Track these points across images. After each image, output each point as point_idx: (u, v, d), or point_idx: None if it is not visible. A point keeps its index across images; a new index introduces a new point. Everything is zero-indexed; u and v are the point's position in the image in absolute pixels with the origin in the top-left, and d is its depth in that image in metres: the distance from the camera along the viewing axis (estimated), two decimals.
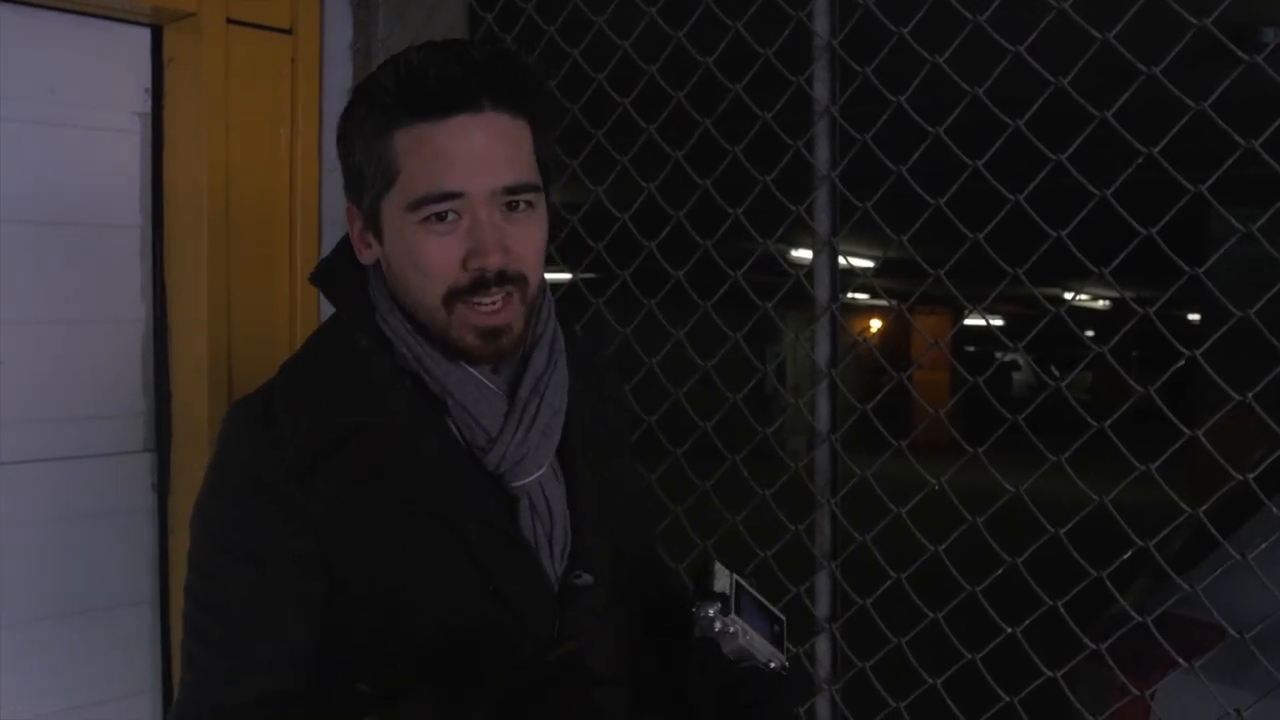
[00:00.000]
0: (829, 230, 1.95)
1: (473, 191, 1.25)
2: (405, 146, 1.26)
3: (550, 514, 1.36)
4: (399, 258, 1.30)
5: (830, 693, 2.03)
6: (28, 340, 2.26)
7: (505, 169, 1.27)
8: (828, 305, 1.97)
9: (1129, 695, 1.93)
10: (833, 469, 1.99)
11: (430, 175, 1.25)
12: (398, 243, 1.29)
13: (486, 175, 1.26)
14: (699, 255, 2.20)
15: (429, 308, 1.30)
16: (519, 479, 1.33)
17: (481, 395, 1.32)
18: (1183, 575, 1.79)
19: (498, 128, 1.27)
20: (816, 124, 1.93)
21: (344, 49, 2.51)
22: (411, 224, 1.27)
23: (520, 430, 1.32)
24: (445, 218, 1.26)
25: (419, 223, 1.26)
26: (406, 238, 1.28)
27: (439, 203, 1.25)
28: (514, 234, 1.28)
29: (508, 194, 1.27)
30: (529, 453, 1.33)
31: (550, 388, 1.36)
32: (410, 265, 1.29)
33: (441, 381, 1.32)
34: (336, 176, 2.46)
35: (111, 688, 2.40)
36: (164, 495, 2.45)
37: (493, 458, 1.32)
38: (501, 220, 1.28)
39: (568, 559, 1.37)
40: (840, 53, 1.90)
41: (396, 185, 1.27)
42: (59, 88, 2.28)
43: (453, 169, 1.25)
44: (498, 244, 1.26)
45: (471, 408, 1.32)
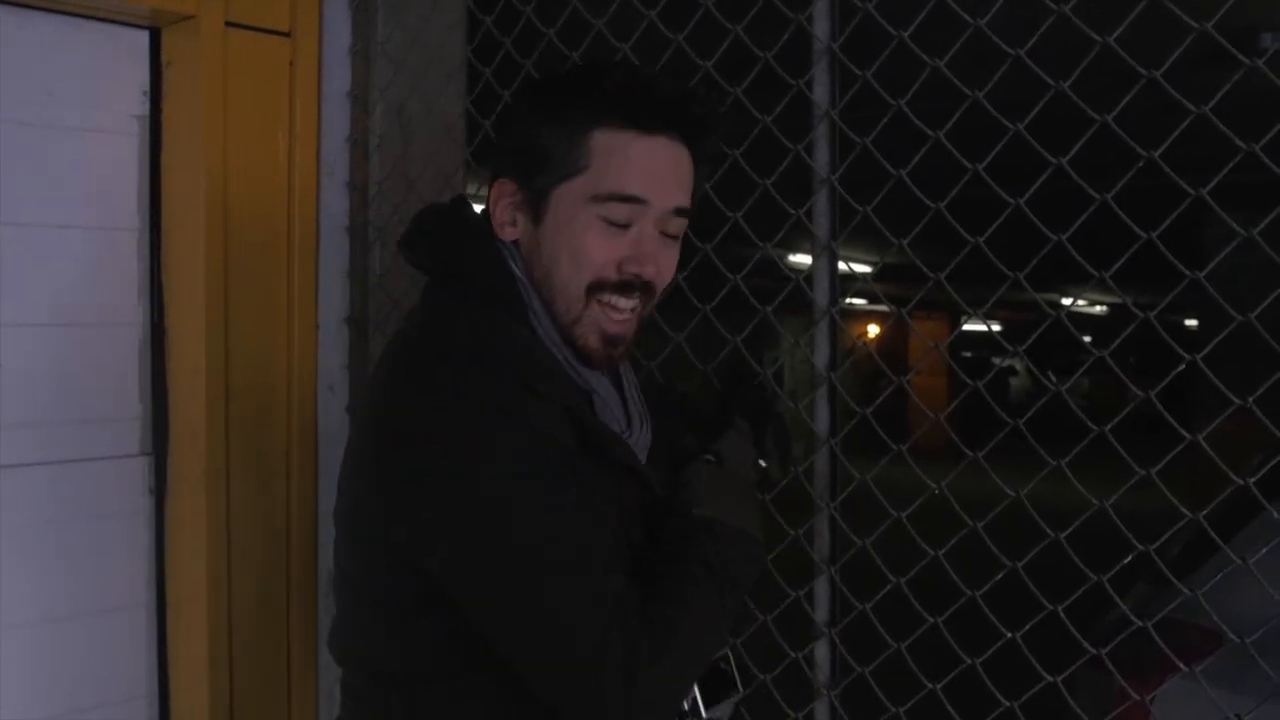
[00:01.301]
0: (828, 234, 1.95)
1: (653, 203, 1.37)
2: (604, 145, 1.36)
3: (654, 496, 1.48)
4: (557, 241, 1.38)
5: (829, 698, 2.02)
6: (24, 343, 2.26)
7: (680, 193, 1.41)
8: (827, 309, 1.96)
9: (1129, 700, 1.92)
10: (832, 473, 1.99)
11: (623, 177, 1.36)
12: (565, 227, 1.38)
13: (667, 193, 1.39)
14: (698, 259, 2.20)
15: (570, 296, 1.38)
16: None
17: (611, 395, 1.45)
18: (1181, 580, 1.79)
19: (680, 155, 1.41)
20: (816, 127, 1.92)
21: (343, 52, 2.51)
22: (589, 213, 1.36)
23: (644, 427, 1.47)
24: (618, 221, 1.36)
25: (597, 216, 1.36)
26: (578, 224, 1.37)
27: (625, 202, 1.36)
28: (665, 253, 1.42)
29: (676, 214, 1.41)
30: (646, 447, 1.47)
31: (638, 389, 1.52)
32: (568, 251, 1.37)
33: (588, 379, 1.42)
34: (335, 179, 2.49)
35: (107, 692, 2.40)
36: (161, 499, 2.45)
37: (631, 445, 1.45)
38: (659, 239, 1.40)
39: None
40: (840, 56, 1.90)
41: (584, 176, 1.36)
42: (57, 90, 2.28)
43: (644, 178, 1.37)
44: (655, 257, 1.39)
45: (610, 405, 1.44)
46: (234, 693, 2.42)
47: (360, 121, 2.52)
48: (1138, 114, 1.72)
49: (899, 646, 1.93)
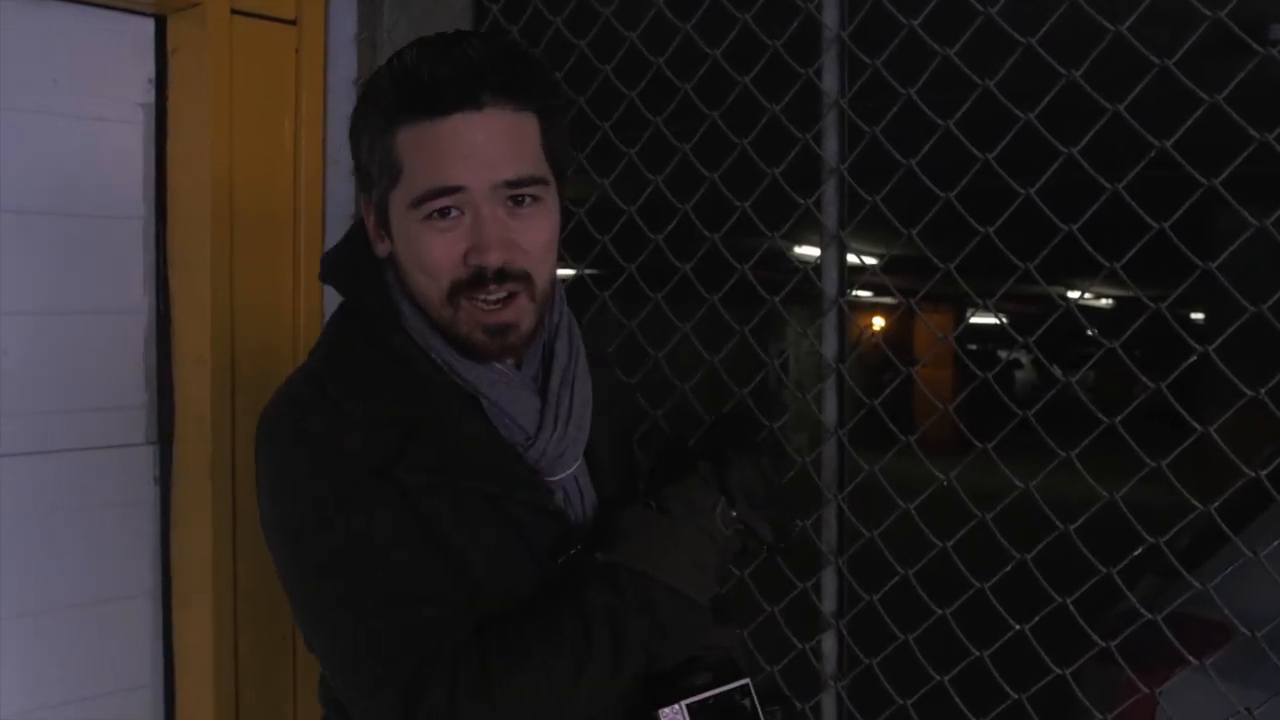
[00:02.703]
0: (837, 224, 1.94)
1: (472, 186, 1.25)
2: (407, 145, 1.26)
3: (583, 504, 1.38)
4: (406, 255, 1.30)
5: (836, 689, 2.02)
6: (30, 331, 2.25)
7: (507, 163, 1.26)
8: (836, 299, 1.95)
9: (1137, 694, 1.92)
10: (840, 464, 1.98)
11: (430, 172, 1.25)
12: (404, 240, 1.30)
13: (487, 170, 1.25)
14: (705, 249, 2.19)
15: (436, 304, 1.29)
16: (558, 473, 1.35)
17: (514, 395, 1.33)
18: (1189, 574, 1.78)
19: (499, 123, 1.26)
20: (825, 116, 1.92)
21: (348, 40, 2.50)
22: (415, 221, 1.27)
23: (559, 426, 1.33)
24: (447, 214, 1.26)
25: (422, 220, 1.26)
26: (410, 235, 1.28)
27: (439, 198, 1.25)
28: (519, 229, 1.28)
29: (510, 188, 1.26)
30: (568, 448, 1.35)
31: (577, 378, 1.37)
32: (415, 263, 1.29)
33: (474, 383, 1.32)
34: (340, 168, 2.48)
35: (113, 681, 2.40)
36: (166, 488, 2.44)
37: (533, 455, 1.33)
38: (506, 216, 1.27)
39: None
40: (850, 45, 1.89)
41: (400, 183, 1.27)
42: (62, 78, 2.27)
43: (452, 164, 1.24)
44: (500, 240, 1.26)
45: (508, 407, 1.32)
46: (239, 681, 2.42)
47: None
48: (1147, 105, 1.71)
49: (907, 638, 1.92)
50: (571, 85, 2.17)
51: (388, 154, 1.27)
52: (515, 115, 1.27)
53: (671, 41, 2.04)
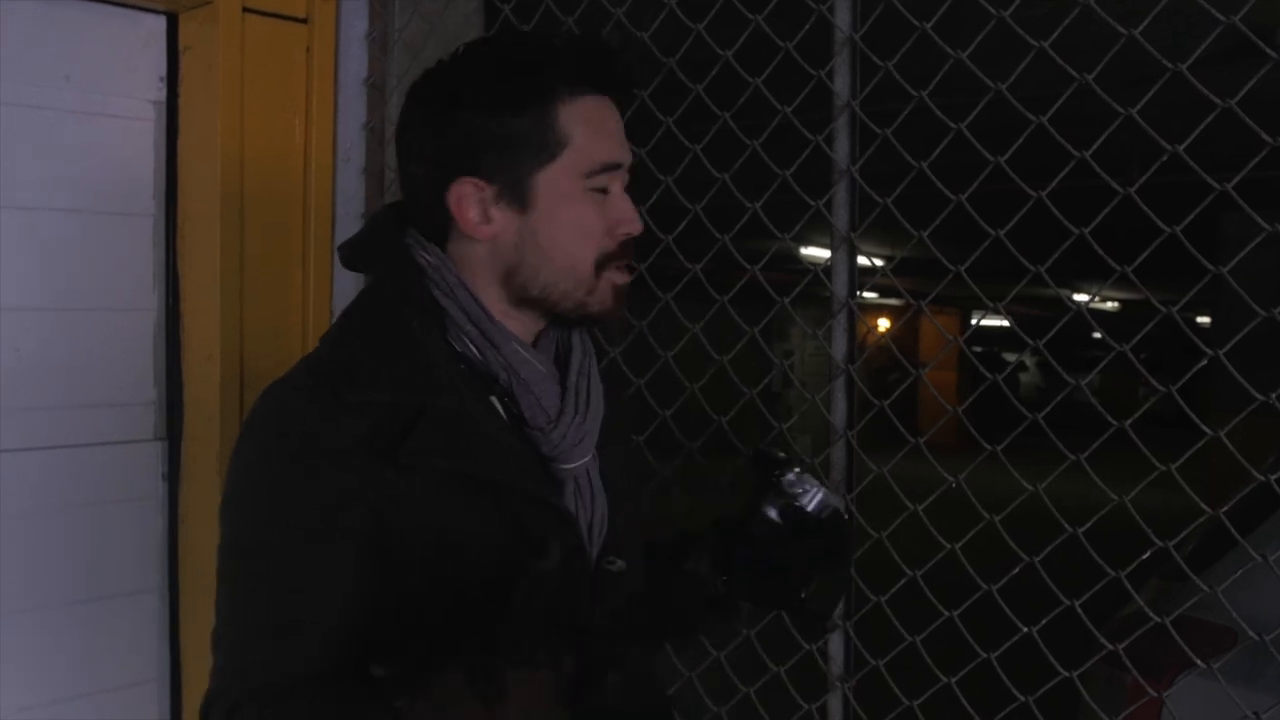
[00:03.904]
0: (847, 225, 1.94)
1: (625, 164, 1.35)
2: (573, 117, 1.31)
3: (592, 499, 1.39)
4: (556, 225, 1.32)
5: (843, 690, 2.02)
6: (40, 327, 2.26)
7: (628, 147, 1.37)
8: (845, 301, 1.95)
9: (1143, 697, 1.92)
10: (849, 465, 1.98)
11: (606, 145, 1.33)
12: (561, 209, 1.32)
13: (627, 150, 1.36)
14: (716, 251, 2.20)
15: (581, 273, 1.33)
16: (572, 461, 1.36)
17: (542, 376, 1.35)
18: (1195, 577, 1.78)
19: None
20: (837, 119, 1.92)
21: (359, 39, 2.51)
22: (582, 190, 1.32)
23: (580, 412, 1.36)
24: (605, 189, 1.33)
25: (589, 190, 1.32)
26: (574, 203, 1.32)
27: (609, 173, 1.33)
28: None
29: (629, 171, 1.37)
30: (586, 435, 1.36)
31: (592, 373, 1.41)
32: (572, 231, 1.33)
33: (509, 360, 1.33)
34: (351, 165, 2.48)
35: (119, 676, 2.40)
36: (174, 484, 2.45)
37: (555, 437, 1.34)
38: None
39: (602, 544, 1.39)
40: (862, 47, 1.89)
41: (566, 153, 1.31)
42: (74, 75, 2.28)
43: (615, 141, 1.34)
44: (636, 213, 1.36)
45: (536, 388, 1.34)
46: None
47: (377, 109, 2.52)
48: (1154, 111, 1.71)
49: (914, 639, 1.93)
50: None
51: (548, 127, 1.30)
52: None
53: (683, 43, 2.04)
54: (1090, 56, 1.70)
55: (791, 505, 1.33)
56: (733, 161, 2.10)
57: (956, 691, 1.90)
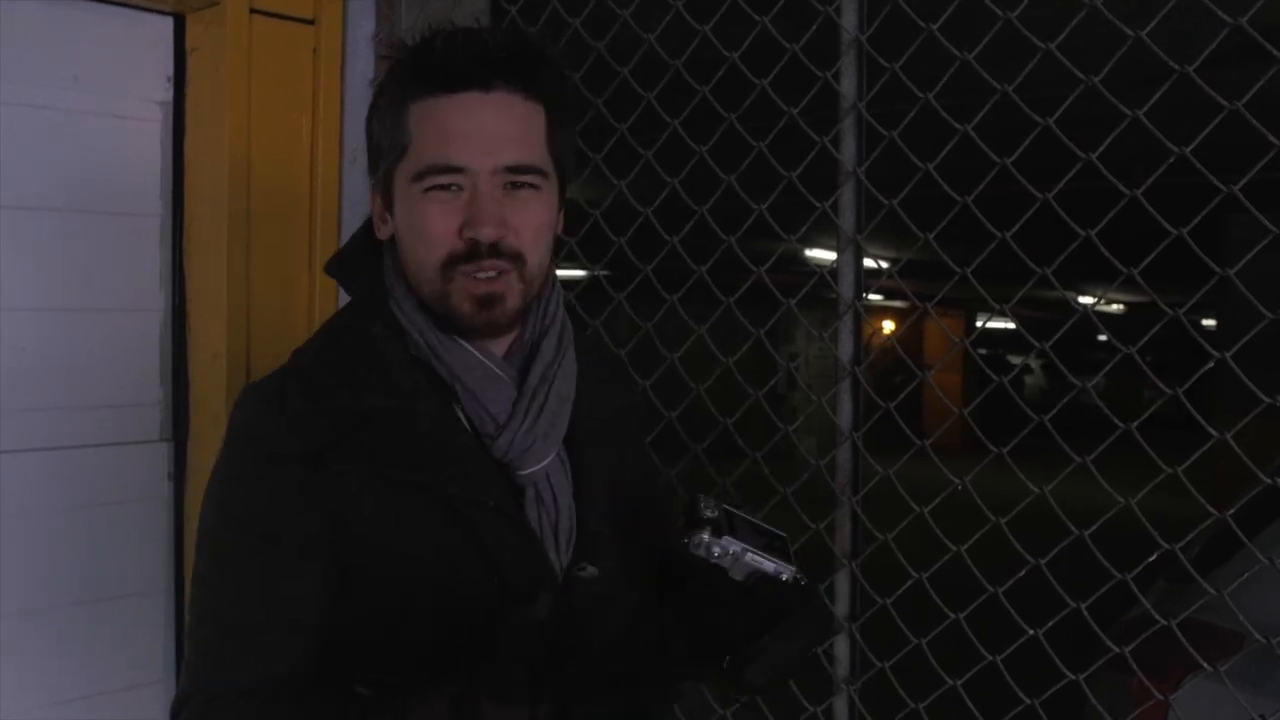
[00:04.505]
0: (854, 227, 1.94)
1: (474, 167, 1.29)
2: (417, 118, 1.30)
3: (555, 504, 1.37)
4: (405, 228, 1.34)
5: (849, 692, 2.02)
6: (47, 328, 2.26)
7: (510, 149, 1.30)
8: (851, 303, 1.95)
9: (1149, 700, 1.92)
10: (854, 467, 1.98)
11: (436, 147, 1.29)
12: (404, 211, 1.33)
13: (489, 153, 1.29)
14: (721, 252, 2.20)
15: (429, 276, 1.32)
16: (526, 467, 1.34)
17: (490, 382, 1.34)
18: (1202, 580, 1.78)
19: (506, 108, 1.31)
20: (843, 120, 1.92)
21: (366, 40, 2.51)
22: (416, 193, 1.31)
23: (529, 419, 1.34)
24: (448, 189, 1.30)
25: (423, 192, 1.30)
26: (411, 206, 1.32)
27: (441, 174, 1.29)
28: (514, 209, 1.31)
29: (510, 173, 1.30)
30: (536, 441, 1.34)
31: (559, 377, 1.38)
32: (414, 233, 1.32)
33: (451, 367, 1.34)
34: (357, 166, 2.49)
35: (125, 676, 2.41)
36: (180, 485, 2.45)
37: (500, 444, 1.33)
38: (503, 197, 1.31)
39: (573, 550, 1.38)
40: (868, 48, 1.89)
41: (407, 156, 1.31)
42: (82, 76, 2.28)
43: (457, 143, 1.29)
44: (494, 217, 1.29)
45: (480, 394, 1.33)
46: None
47: None
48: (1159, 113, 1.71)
49: (920, 642, 1.93)
50: (589, 87, 2.17)
51: (398, 127, 1.31)
52: (524, 103, 1.32)
53: (690, 44, 2.04)
54: (1097, 58, 1.70)
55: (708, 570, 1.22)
56: (739, 163, 2.10)
57: (962, 694, 1.90)
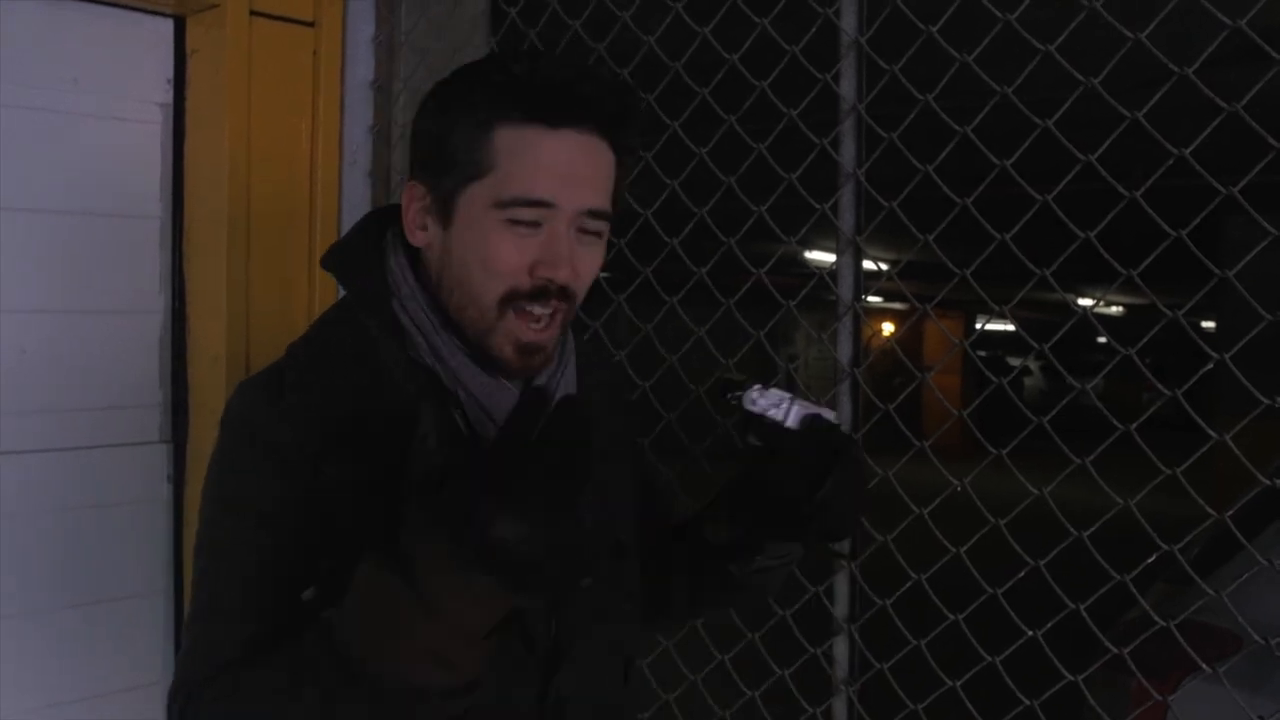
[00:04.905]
0: (853, 229, 1.94)
1: (563, 206, 1.27)
2: (507, 144, 1.27)
3: None
4: (467, 249, 1.30)
5: (848, 693, 2.02)
6: (47, 329, 2.26)
7: (593, 192, 1.29)
8: (851, 304, 1.96)
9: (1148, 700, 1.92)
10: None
11: (529, 179, 1.26)
12: (471, 234, 1.29)
13: (578, 194, 1.28)
14: (721, 254, 2.20)
15: (483, 305, 1.29)
16: None
17: (494, 389, 1.33)
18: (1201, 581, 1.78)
19: (596, 151, 1.29)
20: (843, 122, 1.92)
21: (366, 42, 2.51)
22: (495, 219, 1.27)
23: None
24: (529, 223, 1.27)
25: (503, 221, 1.27)
26: (484, 231, 1.28)
27: (530, 208, 1.26)
28: (580, 255, 1.30)
29: (588, 217, 1.29)
30: None
31: (560, 386, 1.37)
32: (478, 259, 1.29)
33: (455, 371, 1.32)
34: (357, 168, 2.49)
35: (125, 678, 2.41)
36: (179, 487, 2.45)
37: None
38: (574, 240, 1.29)
39: None
40: (868, 50, 1.90)
41: (489, 178, 1.27)
42: (82, 78, 2.28)
43: (551, 180, 1.26)
44: (569, 260, 1.28)
45: (484, 401, 1.32)
46: None
47: (383, 112, 2.52)
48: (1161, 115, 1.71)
49: (919, 643, 1.93)
50: None
51: (480, 146, 1.27)
52: (608, 149, 1.31)
53: (689, 46, 2.05)
54: (1096, 60, 1.70)
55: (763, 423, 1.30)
56: (738, 165, 2.10)
57: (961, 695, 1.90)
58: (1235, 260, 1.66)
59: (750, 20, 1.99)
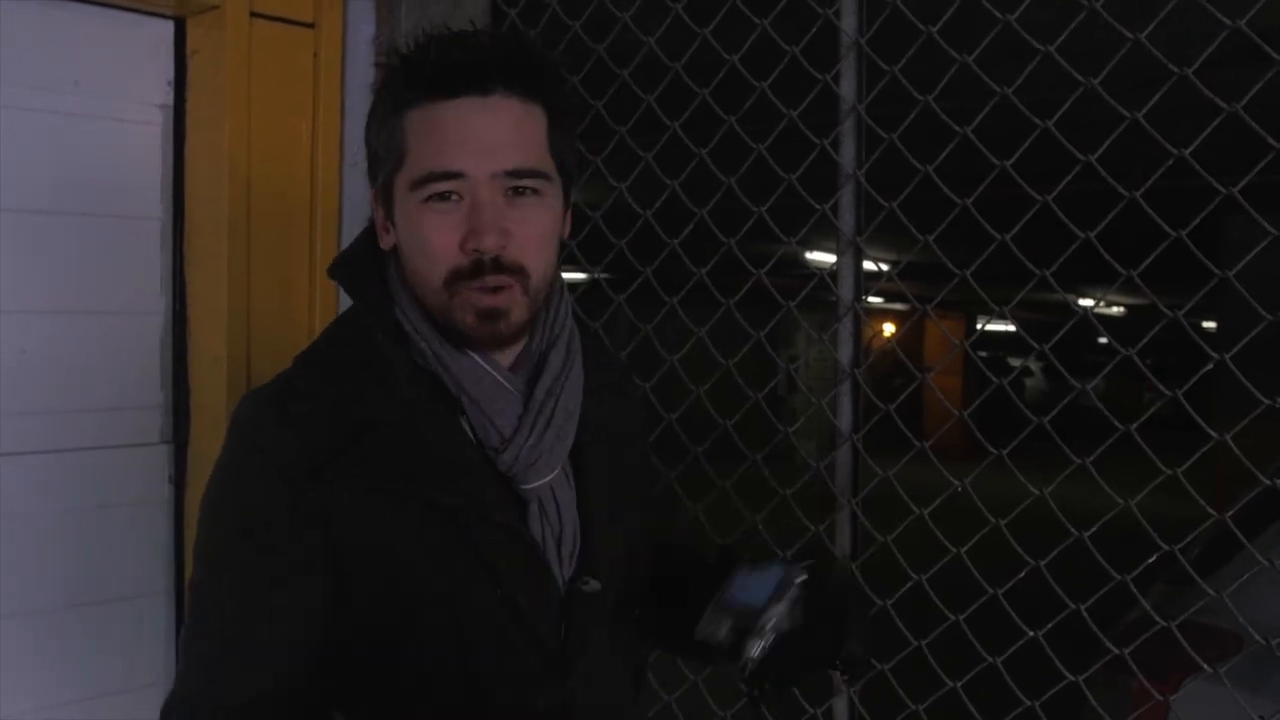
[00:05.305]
0: (853, 229, 1.94)
1: (472, 173, 1.25)
2: (414, 126, 1.27)
3: (560, 518, 1.35)
4: (407, 239, 1.31)
5: (849, 694, 2.02)
6: (48, 330, 2.26)
7: (509, 153, 1.27)
8: (851, 305, 1.96)
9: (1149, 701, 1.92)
10: (854, 469, 1.98)
11: (433, 154, 1.26)
12: (405, 223, 1.30)
13: (488, 158, 1.26)
14: (720, 254, 2.20)
15: (433, 289, 1.29)
16: (531, 482, 1.32)
17: (498, 394, 1.31)
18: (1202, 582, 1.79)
19: (505, 112, 1.27)
20: (843, 122, 1.92)
21: (366, 43, 2.51)
22: (415, 202, 1.27)
23: (534, 433, 1.31)
24: (447, 198, 1.26)
25: (421, 201, 1.27)
26: (410, 216, 1.28)
27: (439, 181, 1.26)
28: (516, 218, 1.27)
29: (510, 178, 1.27)
30: (542, 455, 1.32)
31: (565, 390, 1.35)
32: (416, 246, 1.29)
33: (458, 378, 1.31)
34: (358, 170, 2.49)
35: (125, 679, 2.41)
36: (181, 488, 2.45)
37: (506, 459, 1.30)
38: (505, 205, 1.27)
39: (576, 564, 1.36)
40: (868, 51, 1.90)
41: (405, 164, 1.28)
42: (83, 80, 2.28)
43: (454, 149, 1.25)
44: (495, 226, 1.26)
45: (487, 407, 1.31)
46: None
47: None
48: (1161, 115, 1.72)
49: (919, 644, 1.93)
50: (589, 90, 2.18)
51: (395, 136, 1.28)
52: (522, 106, 1.28)
53: (689, 46, 2.05)
54: (1096, 61, 1.70)
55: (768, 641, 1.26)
56: (739, 165, 2.10)
57: (962, 695, 1.90)
58: (1235, 261, 1.66)
59: (750, 21, 1.99)
